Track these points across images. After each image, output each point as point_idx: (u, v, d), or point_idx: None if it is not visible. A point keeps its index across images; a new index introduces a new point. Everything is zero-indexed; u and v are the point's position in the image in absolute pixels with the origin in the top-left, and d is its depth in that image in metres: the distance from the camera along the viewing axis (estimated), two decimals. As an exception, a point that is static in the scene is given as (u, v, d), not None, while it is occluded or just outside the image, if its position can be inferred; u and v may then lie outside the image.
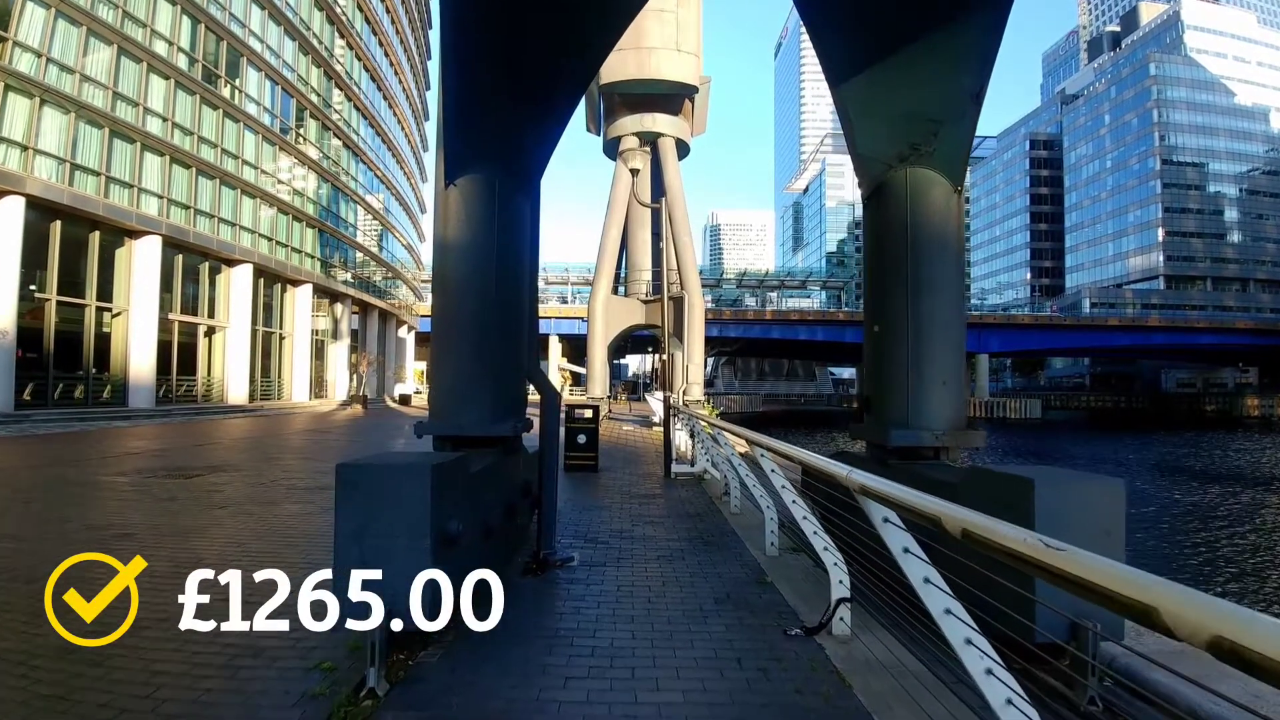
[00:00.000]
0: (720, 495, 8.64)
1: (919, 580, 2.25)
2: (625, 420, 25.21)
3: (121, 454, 12.85)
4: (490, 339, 4.87)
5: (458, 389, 4.87)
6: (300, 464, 11.73)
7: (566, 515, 7.33)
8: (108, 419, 22.37)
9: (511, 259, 5.00)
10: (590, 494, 9.00)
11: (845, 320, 65.76)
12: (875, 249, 5.96)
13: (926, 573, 2.24)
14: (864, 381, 6.35)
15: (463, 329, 4.88)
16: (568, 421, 11.02)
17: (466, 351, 4.86)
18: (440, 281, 5.03)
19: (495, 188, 4.88)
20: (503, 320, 4.91)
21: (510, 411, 4.96)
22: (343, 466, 3.17)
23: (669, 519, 7.32)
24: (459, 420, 4.86)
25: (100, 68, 23.85)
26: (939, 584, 2.27)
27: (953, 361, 5.49)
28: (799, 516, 4.07)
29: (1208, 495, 23.30)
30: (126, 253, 25.04)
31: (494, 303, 4.83)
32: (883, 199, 5.73)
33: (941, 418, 5.38)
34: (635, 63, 25.90)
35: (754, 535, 6.44)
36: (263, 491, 8.20)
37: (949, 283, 5.51)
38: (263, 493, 8.01)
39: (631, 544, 6.10)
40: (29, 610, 3.59)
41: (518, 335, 5.11)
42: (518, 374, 5.24)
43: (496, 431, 4.88)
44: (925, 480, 4.34)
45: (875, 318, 5.79)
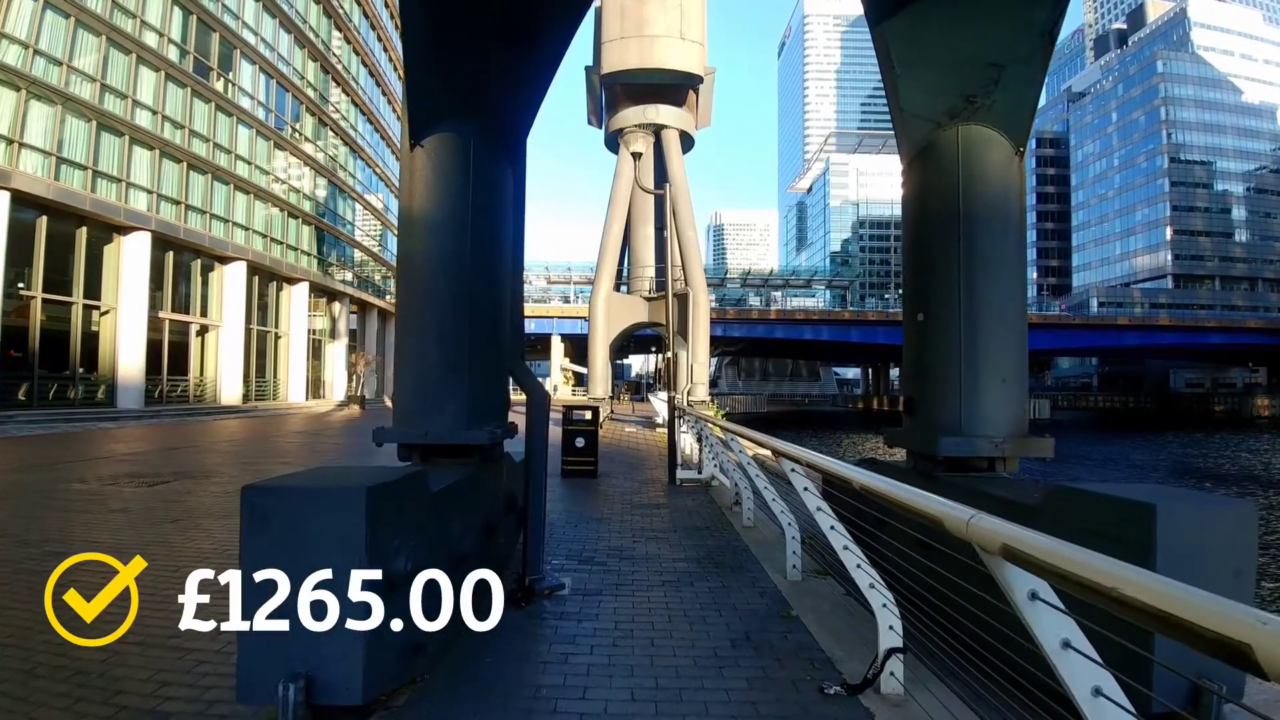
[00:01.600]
0: (730, 505, 7.88)
1: (1084, 687, 1.48)
2: (628, 421, 24.49)
3: (93, 458, 12.14)
4: (463, 329, 4.11)
5: (425, 389, 4.11)
6: (280, 469, 10.99)
7: (560, 529, 6.57)
8: (94, 420, 21.70)
9: (489, 233, 4.23)
10: (588, 503, 8.24)
11: (850, 320, 65.01)
12: (918, 225, 5.14)
13: (1099, 680, 1.49)
14: (904, 380, 5.51)
15: (430, 317, 4.12)
16: (565, 424, 10.27)
17: (435, 344, 4.10)
18: (405, 261, 4.27)
19: (470, 148, 4.11)
20: (479, 306, 4.14)
21: (488, 415, 4.20)
22: (250, 491, 2.42)
23: (674, 534, 6.55)
24: (426, 426, 4.09)
25: (88, 59, 23.20)
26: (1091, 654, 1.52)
27: (1013, 355, 4.69)
28: (837, 545, 3.30)
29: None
30: (115, 249, 24.37)
31: (468, 285, 4.07)
32: (928, 164, 4.92)
33: (1001, 422, 4.58)
34: (638, 51, 25.05)
35: (772, 554, 5.67)
36: (225, 502, 7.45)
37: (1008, 262, 4.71)
38: (225, 504, 7.26)
39: (632, 565, 5.33)
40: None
41: (498, 325, 4.34)
42: (498, 371, 4.46)
43: (471, 439, 4.10)
44: (990, 500, 3.58)
45: (918, 305, 4.98)
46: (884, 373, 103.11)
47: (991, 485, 4.25)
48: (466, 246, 4.05)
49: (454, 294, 4.02)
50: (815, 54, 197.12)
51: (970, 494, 3.75)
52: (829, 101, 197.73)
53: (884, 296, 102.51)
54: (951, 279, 4.66)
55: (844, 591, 4.62)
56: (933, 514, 1.93)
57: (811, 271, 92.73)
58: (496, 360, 4.35)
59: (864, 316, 66.22)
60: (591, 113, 30.84)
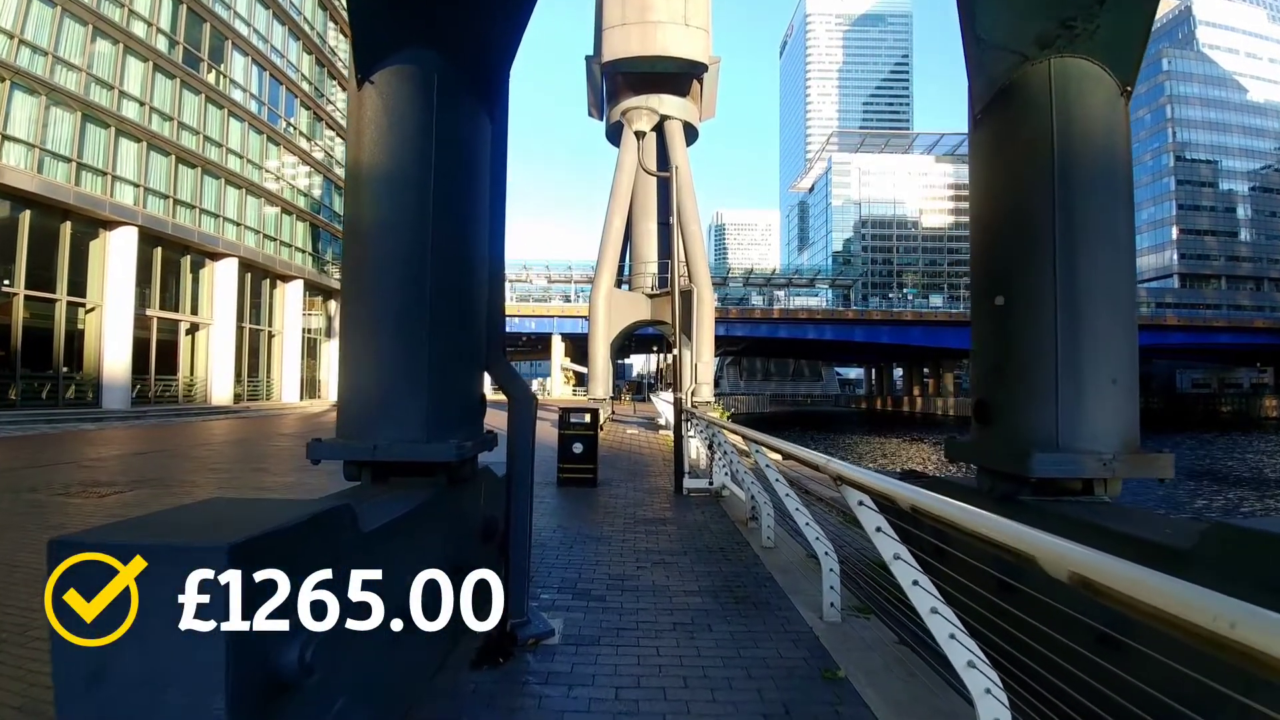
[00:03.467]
0: (745, 520, 7.04)
1: None
2: (629, 422, 23.66)
3: (57, 463, 11.31)
4: (424, 315, 3.25)
5: (373, 391, 3.25)
6: (250, 476, 10.17)
7: (553, 551, 5.73)
8: (77, 420, 20.90)
9: (458, 194, 3.36)
10: (586, 517, 7.40)
11: (854, 319, 64.17)
12: (995, 185, 4.24)
13: None
14: (975, 381, 4.61)
15: (382, 300, 3.27)
16: (562, 428, 9.44)
17: (387, 334, 3.25)
18: (351, 230, 3.41)
19: (433, 84, 3.24)
20: (446, 286, 3.31)
21: (456, 423, 3.36)
22: (58, 546, 1.60)
23: (685, 557, 5.71)
24: (374, 438, 3.21)
25: (74, 49, 22.47)
26: None
27: (1124, 348, 3.80)
28: (923, 607, 2.44)
29: (1245, 502, 21.77)
30: (101, 244, 23.61)
31: (431, 260, 3.24)
32: (1010, 108, 4.02)
33: (1111, 434, 3.70)
34: (640, 38, 24.11)
35: (800, 584, 4.84)
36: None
37: (1117, 229, 3.82)
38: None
39: (636, 600, 4.49)
40: None
41: (470, 310, 3.48)
42: (470, 368, 3.59)
43: (431, 455, 3.22)
44: (1113, 537, 2.74)
45: (995, 286, 4.09)
46: (887, 373, 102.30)
47: (1105, 517, 3.34)
48: (429, 211, 3.20)
49: (412, 270, 3.16)
50: (817, 53, 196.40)
51: (1073, 525, 2.92)
52: (831, 101, 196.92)
53: (887, 296, 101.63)
54: (1044, 251, 3.77)
55: (896, 639, 3.78)
56: (1176, 610, 1.09)
57: (814, 271, 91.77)
58: (468, 355, 3.49)
59: (868, 316, 65.37)
60: (592, 105, 29.89)
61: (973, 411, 4.25)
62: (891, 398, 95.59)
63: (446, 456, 3.14)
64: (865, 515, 2.59)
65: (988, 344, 4.20)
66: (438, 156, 3.22)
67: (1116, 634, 2.05)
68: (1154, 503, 17.42)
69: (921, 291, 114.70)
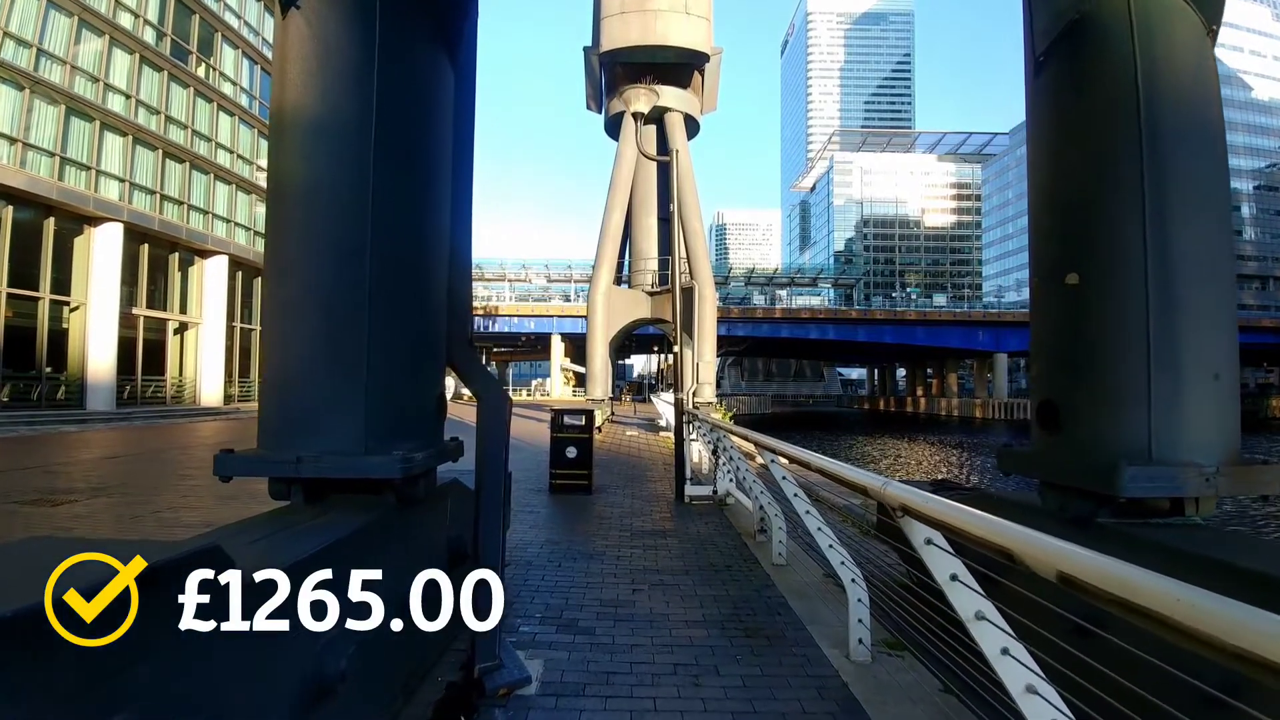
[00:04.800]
0: (753, 532, 6.39)
1: None
2: (629, 424, 23.02)
3: (23, 467, 10.69)
4: (361, 297, 2.59)
5: (299, 390, 2.63)
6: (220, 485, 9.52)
7: (538, 570, 5.09)
8: (59, 422, 20.29)
9: (409, 147, 2.70)
10: (578, 529, 6.75)
11: (857, 319, 63.57)
12: (1062, 138, 3.50)
13: None
14: (1039, 377, 3.82)
15: (309, 277, 2.63)
16: (555, 430, 8.79)
17: (315, 320, 2.61)
18: (275, 189, 2.74)
19: (376, 11, 2.62)
20: (392, 262, 2.68)
21: (405, 430, 2.72)
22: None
23: (687, 577, 5.05)
24: (298, 448, 2.56)
25: (58, 40, 21.90)
26: None
27: (1226, 336, 3.10)
28: (990, 647, 1.81)
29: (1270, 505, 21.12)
30: (85, 241, 23.00)
31: (372, 229, 2.59)
32: (1082, 46, 3.34)
33: (1215, 442, 3.02)
34: (639, 27, 23.41)
35: (819, 612, 4.19)
36: (122, 528, 6.01)
37: (1214, 192, 3.13)
38: (117, 531, 5.81)
39: (631, 632, 3.84)
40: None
41: (424, 291, 2.80)
42: (424, 362, 2.94)
43: (370, 470, 2.56)
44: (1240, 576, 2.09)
45: (1067, 259, 3.37)
46: (890, 373, 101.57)
47: (1211, 545, 2.62)
48: (368, 166, 2.54)
49: (348, 240, 2.51)
50: (819, 52, 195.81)
51: (1189, 563, 2.27)
52: (832, 100, 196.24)
53: (890, 295, 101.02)
54: (1130, 216, 3.07)
55: (940, 686, 3.14)
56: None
57: (816, 270, 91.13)
58: (423, 346, 2.83)
59: (871, 315, 64.75)
60: (590, 97, 29.16)
61: (1035, 415, 3.54)
62: (894, 398, 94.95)
63: (389, 473, 2.49)
64: (936, 557, 1.93)
65: (1055, 332, 3.49)
66: (381, 100, 2.57)
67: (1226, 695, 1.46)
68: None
69: (924, 291, 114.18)
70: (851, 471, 2.60)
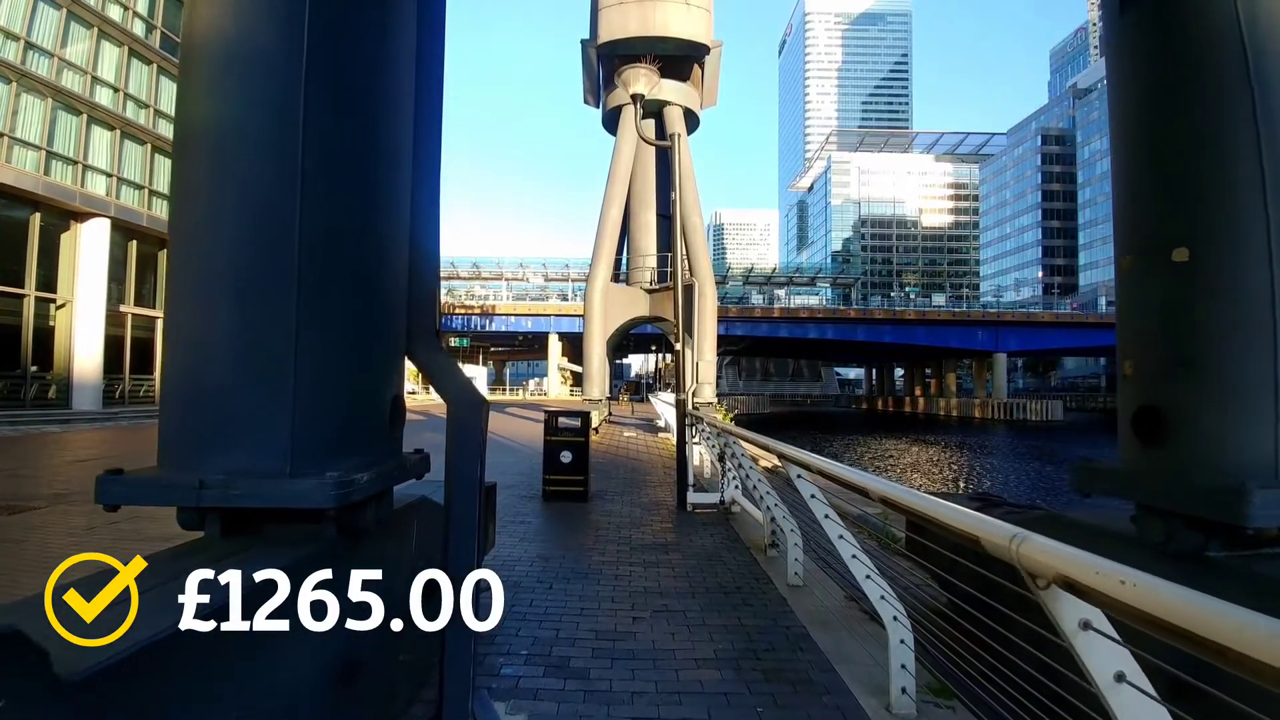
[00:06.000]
0: (763, 546, 5.88)
1: None
2: (627, 424, 22.49)
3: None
4: (286, 274, 2.06)
5: (205, 392, 2.08)
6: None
7: (526, 595, 4.56)
8: (43, 422, 19.77)
9: (351, 90, 2.18)
10: (572, 543, 6.23)
11: (857, 318, 63.20)
12: (1155, 92, 2.96)
13: None
14: (1134, 379, 3.17)
15: (219, 248, 2.08)
16: (548, 433, 8.27)
17: (226, 302, 2.07)
18: (180, 141, 2.21)
19: None
20: (330, 232, 2.14)
21: (347, 443, 2.23)
22: None
23: (693, 601, 4.53)
24: (204, 468, 2.03)
25: (46, 33, 21.39)
26: None
27: None
28: None
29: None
30: (71, 237, 22.49)
31: (302, 189, 2.05)
32: None
33: None
34: (639, 17, 22.83)
35: (846, 646, 3.69)
36: (81, 541, 5.48)
37: None
38: (78, 544, 5.29)
39: (631, 676, 3.32)
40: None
41: (373, 270, 2.28)
42: (374, 357, 2.41)
43: (294, 498, 2.02)
44: None
45: (1168, 233, 2.86)
46: (888, 373, 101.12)
47: None
48: (296, 110, 1.98)
49: (268, 202, 2.01)
50: (816, 52, 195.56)
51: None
52: (830, 100, 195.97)
53: (888, 295, 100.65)
54: (1247, 185, 2.57)
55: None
56: None
57: (815, 270, 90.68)
58: (371, 338, 2.25)
59: (870, 315, 64.36)
60: (588, 91, 28.56)
61: (1131, 425, 2.99)
62: (893, 398, 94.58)
63: (318, 501, 1.95)
64: (1096, 647, 1.37)
65: (1159, 320, 2.95)
66: (315, 26, 2.04)
67: None
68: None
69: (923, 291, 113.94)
70: (953, 512, 1.81)
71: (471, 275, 65.38)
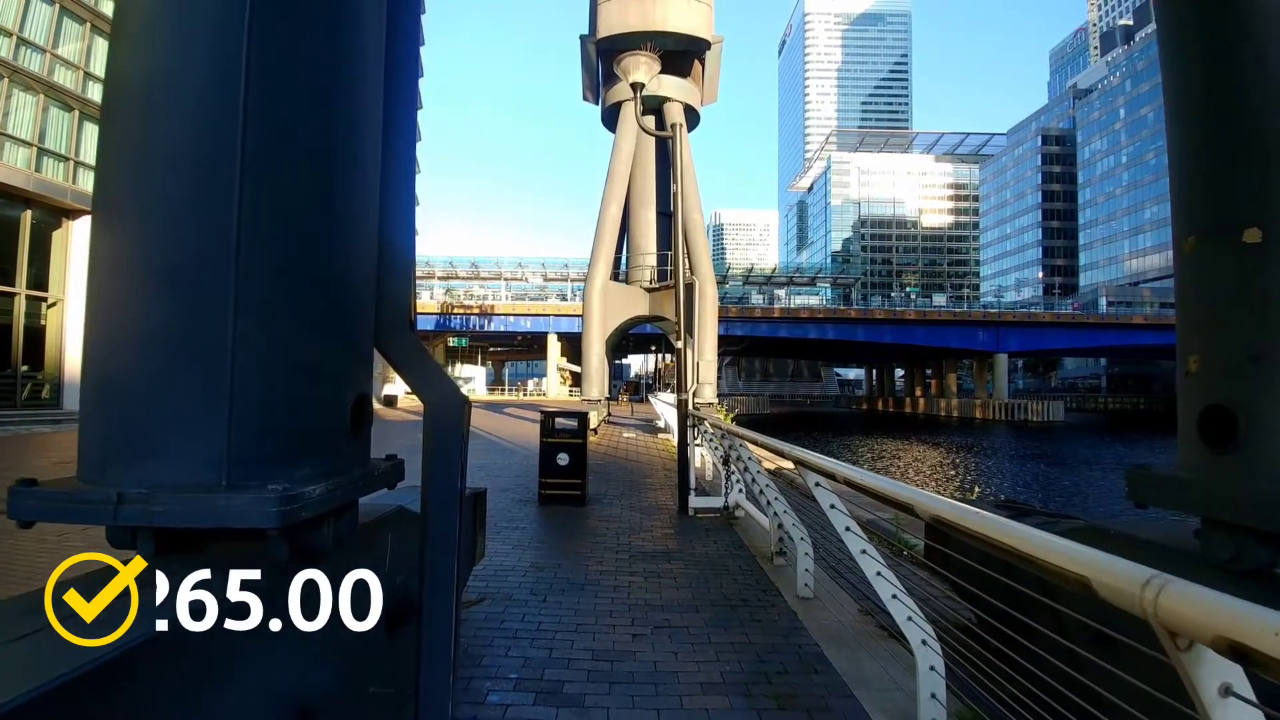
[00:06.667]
0: (770, 555, 5.58)
1: None
2: (627, 425, 22.18)
3: (-30, 473, 9.83)
4: (224, 250, 1.74)
5: (132, 388, 1.76)
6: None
7: (517, 609, 4.25)
8: (33, 423, 19.50)
9: (305, 40, 1.86)
10: (569, 550, 5.92)
11: (857, 318, 62.93)
12: (1222, 56, 2.62)
13: None
14: (1202, 373, 2.76)
15: (146, 221, 1.78)
16: (544, 435, 7.96)
17: (153, 284, 1.75)
18: (108, 97, 1.95)
19: None
20: (279, 202, 1.84)
21: (304, 447, 1.91)
22: None
23: (697, 615, 4.23)
24: (125, 479, 1.72)
25: (39, 29, 21.13)
26: None
27: None
28: None
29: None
30: (63, 235, 22.23)
31: (244, 149, 1.73)
32: None
33: None
34: (639, 12, 22.50)
35: (864, 667, 3.39)
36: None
37: None
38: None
39: (631, 706, 3.00)
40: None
41: (332, 251, 1.99)
42: (333, 349, 2.08)
43: (232, 516, 1.68)
44: None
45: (1244, 212, 2.55)
46: (888, 373, 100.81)
47: None
48: (238, 59, 1.69)
49: (203, 165, 1.71)
50: (816, 52, 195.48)
51: None
52: (830, 100, 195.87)
53: (888, 295, 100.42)
54: None
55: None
56: None
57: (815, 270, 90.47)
58: (331, 330, 1.92)
59: (871, 315, 64.09)
60: (587, 88, 28.21)
61: (1196, 427, 2.66)
62: (893, 398, 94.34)
63: (258, 520, 1.62)
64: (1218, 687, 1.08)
65: (1228, 311, 2.64)
66: None
67: None
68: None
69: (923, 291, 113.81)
70: (1046, 543, 1.41)
71: (470, 275, 65.13)
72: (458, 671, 2.52)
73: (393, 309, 2.21)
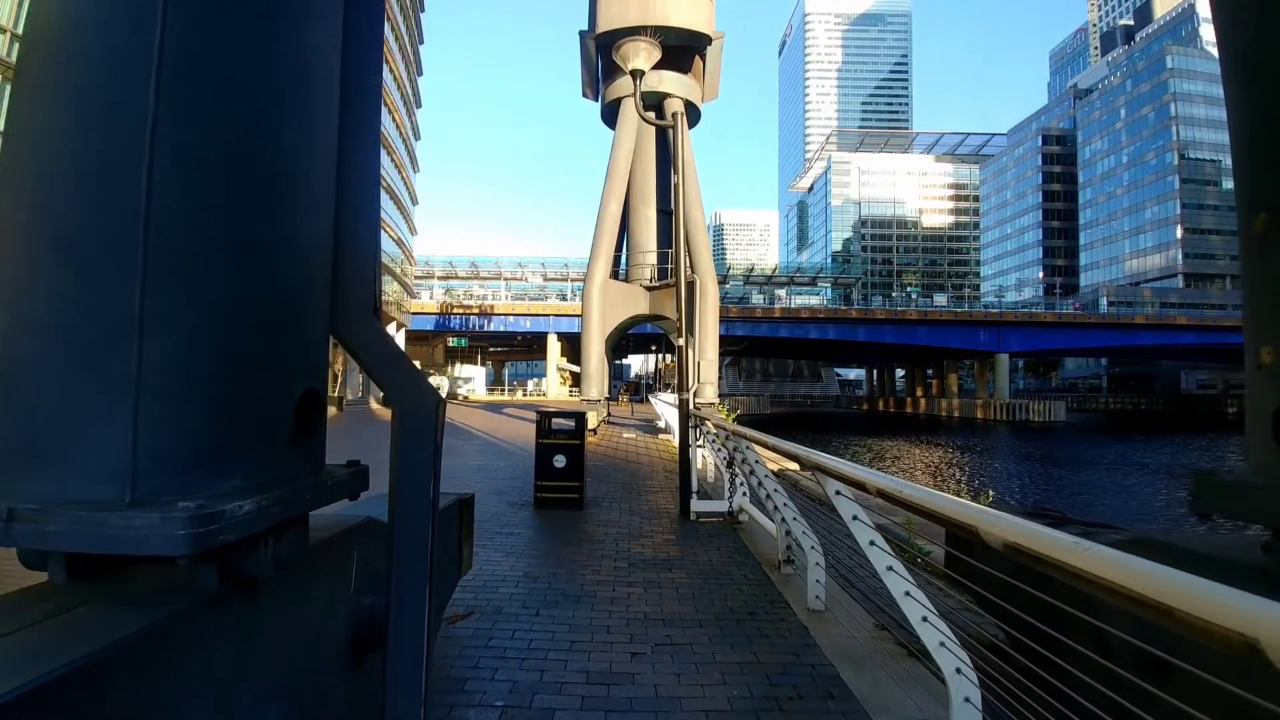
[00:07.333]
0: (777, 563, 5.27)
1: None
2: (626, 425, 21.87)
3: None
4: (123, 222, 1.34)
5: (22, 382, 1.35)
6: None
7: (507, 624, 3.95)
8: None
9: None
10: (564, 558, 5.61)
11: (858, 318, 62.73)
12: None
13: None
14: (1271, 368, 2.34)
15: (39, 184, 1.38)
16: (540, 436, 7.66)
17: (48, 259, 1.36)
18: (20, 62, 1.62)
19: None
20: (210, 163, 1.44)
21: (235, 450, 1.49)
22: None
23: (701, 631, 3.92)
24: (14, 490, 1.29)
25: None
26: None
27: None
28: None
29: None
30: None
31: (157, 100, 1.34)
32: None
33: None
34: (638, 6, 22.19)
35: (884, 690, 3.10)
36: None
37: None
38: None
39: (631, 730, 2.72)
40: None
41: (277, 219, 1.64)
42: (278, 342, 1.68)
43: (131, 541, 1.23)
44: None
45: None
46: (889, 373, 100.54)
47: None
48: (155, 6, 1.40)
49: (108, 119, 1.33)
50: (816, 52, 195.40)
51: None
52: (830, 100, 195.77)
53: (889, 295, 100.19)
54: None
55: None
56: None
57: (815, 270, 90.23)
58: (271, 315, 1.60)
59: (872, 315, 63.85)
60: (587, 84, 27.92)
61: (1269, 427, 2.30)
62: (894, 399, 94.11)
63: (163, 545, 1.32)
64: None
65: None
66: None
67: None
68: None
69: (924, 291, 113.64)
70: (1213, 595, 1.01)
71: (470, 275, 64.92)
72: (429, 703, 2.22)
73: (352, 290, 1.91)
